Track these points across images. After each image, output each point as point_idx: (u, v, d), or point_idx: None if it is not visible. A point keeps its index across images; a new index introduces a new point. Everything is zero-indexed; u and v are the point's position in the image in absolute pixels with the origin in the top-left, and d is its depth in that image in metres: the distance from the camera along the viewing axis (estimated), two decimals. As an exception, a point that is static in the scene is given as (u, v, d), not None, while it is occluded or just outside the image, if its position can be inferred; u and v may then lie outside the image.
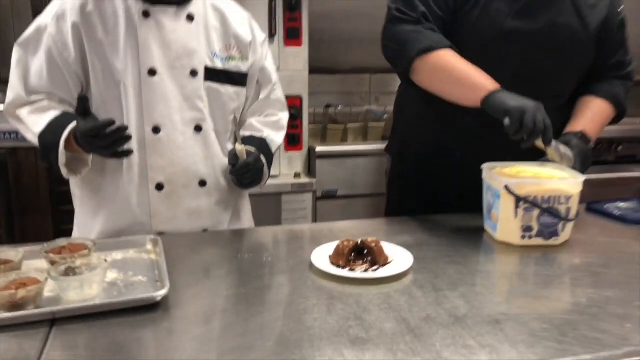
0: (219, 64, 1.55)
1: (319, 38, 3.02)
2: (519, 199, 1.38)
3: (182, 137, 1.51)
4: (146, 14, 1.45)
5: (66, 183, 1.61)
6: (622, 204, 1.71)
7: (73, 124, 1.39)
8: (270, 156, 1.65)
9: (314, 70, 2.86)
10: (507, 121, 1.36)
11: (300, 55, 2.76)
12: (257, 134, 1.66)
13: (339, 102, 3.32)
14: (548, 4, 1.57)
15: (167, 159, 1.50)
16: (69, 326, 1.00)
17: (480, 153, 1.54)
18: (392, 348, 0.93)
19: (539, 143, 1.41)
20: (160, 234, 1.49)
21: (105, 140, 1.33)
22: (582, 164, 1.52)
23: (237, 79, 1.58)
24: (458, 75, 1.50)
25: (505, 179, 1.40)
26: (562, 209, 1.39)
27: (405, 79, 1.62)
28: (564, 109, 1.71)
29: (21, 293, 1.01)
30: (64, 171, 1.43)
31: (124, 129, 1.35)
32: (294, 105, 2.80)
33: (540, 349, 0.93)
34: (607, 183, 3.13)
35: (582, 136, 1.59)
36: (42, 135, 1.42)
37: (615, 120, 1.77)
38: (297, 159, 2.89)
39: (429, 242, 1.43)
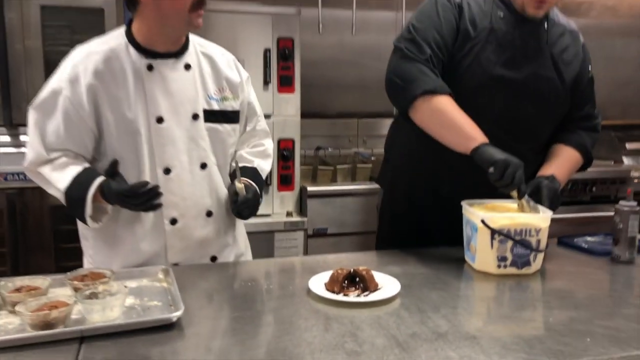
0: (215, 106, 1.70)
1: (310, 85, 3.22)
2: (494, 232, 1.54)
3: (190, 175, 1.66)
4: (150, 68, 1.61)
5: (69, 222, 1.73)
6: (590, 238, 1.87)
7: (99, 180, 1.54)
8: (262, 183, 1.79)
9: (305, 114, 3.04)
10: (491, 170, 1.53)
11: (292, 102, 2.94)
12: (249, 165, 1.79)
13: (329, 145, 3.50)
14: (532, 58, 1.77)
15: (179, 195, 1.64)
16: (96, 343, 1.12)
17: (465, 188, 1.70)
18: (383, 359, 1.07)
19: (514, 194, 1.57)
20: (175, 264, 1.62)
21: (140, 199, 1.51)
22: (550, 203, 1.68)
23: (231, 116, 1.74)
24: (453, 123, 1.64)
25: (482, 214, 1.57)
26: (533, 240, 1.55)
27: (403, 113, 1.76)
28: (540, 153, 1.89)
29: (54, 314, 1.14)
30: (89, 222, 1.57)
31: (156, 188, 1.52)
32: (286, 148, 2.97)
33: (510, 358, 1.07)
34: (583, 221, 3.30)
35: (553, 179, 1.75)
36: (69, 191, 1.54)
37: (582, 168, 1.95)
38: (289, 198, 3.04)
39: (414, 272, 1.57)
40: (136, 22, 1.62)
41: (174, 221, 1.65)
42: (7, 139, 2.54)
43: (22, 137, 2.55)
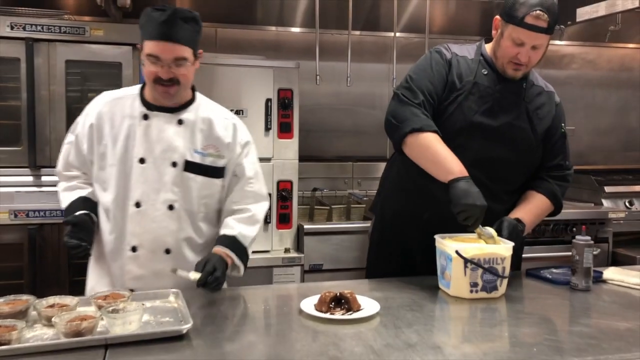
0: (197, 159, 1.88)
1: (308, 130, 3.48)
2: (466, 261, 1.76)
3: (157, 212, 1.86)
4: (145, 117, 1.86)
5: (82, 257, 1.92)
6: (555, 270, 2.08)
7: (76, 213, 1.84)
8: (242, 249, 1.88)
9: (303, 158, 3.28)
10: (454, 209, 1.80)
11: (291, 146, 3.18)
12: (229, 232, 1.89)
13: (325, 186, 3.75)
14: (508, 110, 2.02)
15: (143, 228, 1.85)
16: (119, 349, 1.33)
17: (445, 214, 1.89)
18: (360, 363, 1.27)
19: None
20: (132, 290, 1.69)
21: (70, 246, 1.76)
22: (509, 236, 1.88)
23: (211, 171, 1.91)
24: (436, 157, 1.91)
25: (456, 245, 1.79)
26: (499, 268, 1.76)
27: (397, 148, 2.04)
28: (513, 194, 2.12)
29: (84, 324, 1.36)
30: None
31: (85, 249, 1.78)
32: (285, 189, 3.20)
33: (467, 362, 1.28)
34: (564, 260, 3.49)
35: (518, 220, 1.98)
36: (64, 213, 1.90)
37: (552, 213, 2.16)
38: (287, 235, 3.24)
39: (394, 296, 1.78)
40: None
41: (134, 249, 1.86)
42: (30, 179, 2.78)
43: (44, 178, 2.79)
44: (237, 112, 3.03)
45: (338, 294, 1.63)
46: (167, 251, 1.88)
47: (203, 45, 3.51)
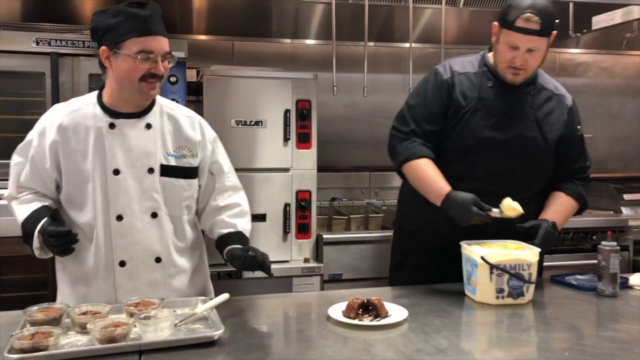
0: (172, 162, 1.84)
1: (326, 141, 3.50)
2: (492, 267, 1.76)
3: (141, 223, 1.80)
4: (112, 126, 1.78)
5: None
6: (579, 276, 2.08)
7: (44, 220, 1.72)
8: (248, 243, 1.91)
9: (321, 168, 3.30)
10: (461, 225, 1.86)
11: (309, 157, 3.20)
12: (234, 229, 1.91)
13: (343, 196, 3.76)
14: (517, 121, 2.02)
15: (129, 240, 1.79)
16: (153, 355, 1.35)
17: (461, 231, 1.92)
18: (392, 367, 1.28)
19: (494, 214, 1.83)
20: (122, 303, 1.66)
21: (59, 240, 1.68)
22: (543, 243, 1.89)
23: (188, 172, 1.87)
24: (425, 181, 2.00)
25: (481, 250, 1.79)
26: (525, 274, 1.76)
27: (401, 176, 2.12)
28: (533, 200, 2.11)
29: (118, 330, 1.38)
30: (36, 252, 1.76)
31: (74, 235, 1.70)
32: (303, 199, 3.21)
33: (499, 367, 1.28)
34: (584, 268, 3.44)
35: (554, 225, 1.99)
36: (24, 223, 1.78)
37: (578, 212, 2.18)
38: (306, 245, 3.25)
39: (420, 303, 1.78)
40: (105, 86, 1.82)
41: (122, 263, 1.79)
42: (54, 190, 2.82)
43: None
44: (256, 123, 3.07)
45: (366, 301, 1.64)
46: (158, 260, 1.84)
47: (221, 59, 3.62)
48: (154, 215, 1.83)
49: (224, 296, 1.66)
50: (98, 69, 1.81)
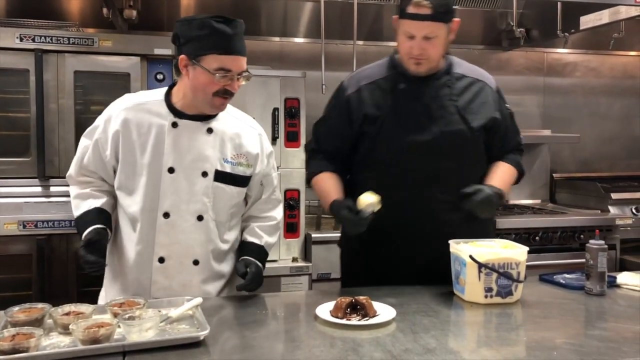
0: (228, 168, 1.87)
1: (314, 140, 3.48)
2: (481, 266, 1.75)
3: (186, 224, 1.83)
4: (175, 125, 1.82)
5: None
6: (568, 275, 2.07)
7: (92, 227, 1.79)
8: (266, 256, 1.99)
9: (309, 167, 3.29)
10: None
11: (298, 155, 3.18)
12: (257, 241, 1.96)
13: (332, 196, 3.74)
14: (437, 118, 1.95)
15: (171, 238, 1.82)
16: (137, 356, 1.33)
17: (405, 223, 1.96)
18: (380, 367, 1.27)
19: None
20: (156, 299, 1.75)
21: (87, 266, 1.72)
22: (479, 206, 1.86)
23: (240, 181, 1.90)
24: (321, 195, 2.06)
25: (470, 249, 1.78)
26: (514, 272, 1.76)
27: None
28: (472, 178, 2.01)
29: (102, 331, 1.35)
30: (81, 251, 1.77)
31: (102, 265, 1.75)
32: (292, 197, 3.19)
33: (488, 366, 1.27)
34: (572, 267, 3.47)
35: (498, 192, 1.91)
36: (76, 222, 1.88)
37: (517, 181, 2.16)
38: (295, 244, 3.24)
39: (409, 302, 1.76)
40: (177, 85, 1.86)
41: (161, 260, 1.83)
42: (39, 189, 2.77)
43: (52, 188, 2.78)
44: (245, 122, 3.04)
45: (353, 300, 1.63)
46: (196, 262, 1.86)
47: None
48: (200, 218, 1.85)
49: (197, 300, 1.63)
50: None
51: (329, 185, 2.03)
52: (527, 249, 1.80)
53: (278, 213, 2.06)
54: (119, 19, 3.16)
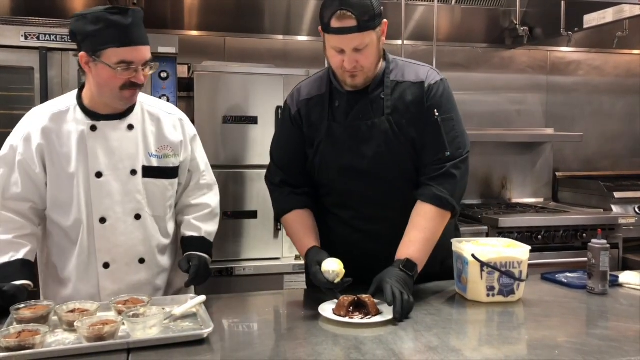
0: (154, 162, 1.83)
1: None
2: (483, 264, 1.76)
3: (124, 225, 1.80)
4: (94, 128, 1.77)
5: None
6: (569, 274, 2.08)
7: (18, 282, 1.65)
8: (209, 247, 1.93)
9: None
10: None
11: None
12: (196, 234, 1.92)
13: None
14: (371, 138, 1.81)
15: (112, 243, 1.79)
16: (142, 353, 1.34)
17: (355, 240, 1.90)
18: (383, 365, 1.28)
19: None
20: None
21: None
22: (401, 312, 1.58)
23: (169, 173, 1.87)
24: (293, 240, 1.93)
25: (473, 248, 1.79)
26: (516, 271, 1.76)
27: None
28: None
29: (106, 328, 1.36)
30: None
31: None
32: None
33: (490, 365, 1.28)
34: (574, 266, 3.48)
35: (405, 265, 1.71)
36: None
37: (453, 216, 1.87)
38: (298, 243, 3.25)
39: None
40: (85, 87, 1.80)
41: (106, 265, 1.79)
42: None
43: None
44: (248, 120, 3.05)
45: (356, 298, 1.63)
46: (141, 261, 1.84)
47: (212, 55, 3.59)
48: (138, 217, 1.83)
49: (201, 298, 1.64)
50: (77, 63, 1.77)
51: (300, 229, 1.90)
52: (529, 248, 1.80)
53: (211, 199, 2.00)
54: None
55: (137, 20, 1.69)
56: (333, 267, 1.68)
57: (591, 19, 3.53)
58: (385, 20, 1.76)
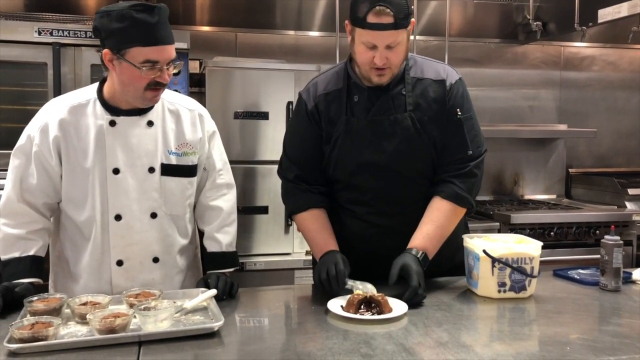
0: (173, 160, 1.80)
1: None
2: (494, 260, 1.75)
3: (139, 223, 1.78)
4: (112, 123, 1.74)
5: None
6: (582, 271, 2.06)
7: (26, 280, 1.66)
8: (233, 257, 1.94)
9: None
10: (316, 278, 1.76)
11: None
12: (218, 250, 1.91)
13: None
14: (393, 135, 1.81)
15: (126, 240, 1.77)
16: (153, 346, 1.35)
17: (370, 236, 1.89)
18: (392, 360, 1.28)
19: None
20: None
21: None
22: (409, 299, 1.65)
23: (188, 171, 1.84)
24: (308, 239, 1.91)
25: (484, 244, 1.78)
26: (528, 267, 1.75)
27: None
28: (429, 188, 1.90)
29: (118, 321, 1.37)
30: None
31: None
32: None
33: (500, 360, 1.28)
34: (587, 263, 3.46)
35: (421, 257, 1.75)
36: (5, 266, 1.71)
37: (467, 213, 1.93)
38: (309, 238, 3.25)
39: (422, 296, 1.77)
40: (107, 81, 1.77)
41: (120, 263, 1.78)
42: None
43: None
44: (259, 115, 3.06)
45: (368, 297, 1.61)
46: (155, 260, 1.82)
47: (223, 50, 3.60)
48: (154, 215, 1.81)
49: (212, 291, 1.65)
50: (100, 59, 1.75)
51: (317, 229, 1.88)
52: (541, 244, 1.79)
53: (225, 202, 1.95)
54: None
55: (163, 19, 1.66)
56: (371, 289, 1.65)
57: (605, 14, 3.49)
58: (413, 19, 1.74)
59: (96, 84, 1.82)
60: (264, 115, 3.07)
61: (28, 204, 1.76)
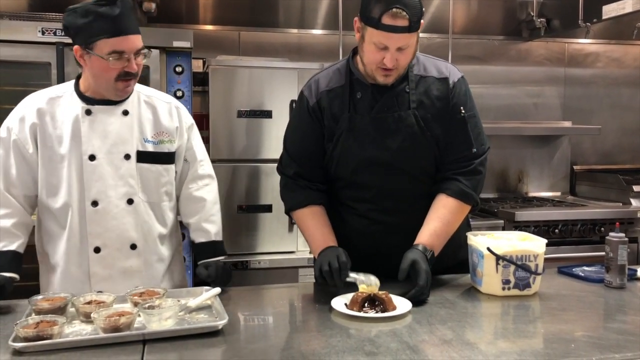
0: (150, 148, 1.85)
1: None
2: (498, 258, 1.75)
3: (116, 209, 1.80)
4: (88, 112, 1.79)
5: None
6: (587, 268, 2.05)
7: (6, 274, 1.67)
8: (221, 245, 1.97)
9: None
10: (317, 272, 1.77)
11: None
12: (207, 240, 1.94)
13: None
14: (396, 131, 1.81)
15: (103, 227, 1.79)
16: (157, 345, 1.35)
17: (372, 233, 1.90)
18: (397, 358, 1.27)
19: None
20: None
21: None
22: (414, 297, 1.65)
23: (164, 158, 1.88)
24: (306, 236, 1.91)
25: (488, 241, 1.78)
26: (532, 265, 1.75)
27: None
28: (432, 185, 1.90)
29: (122, 319, 1.38)
30: None
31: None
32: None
33: (504, 358, 1.27)
34: (592, 260, 3.45)
35: (427, 253, 1.74)
36: None
37: (471, 210, 1.92)
38: (313, 236, 3.25)
39: (426, 294, 1.77)
40: (82, 76, 1.84)
41: (97, 250, 1.80)
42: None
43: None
44: (262, 114, 3.06)
45: (372, 295, 1.62)
46: (133, 247, 1.84)
47: (227, 49, 3.60)
48: (130, 201, 1.83)
49: (216, 290, 1.65)
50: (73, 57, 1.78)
51: (316, 226, 1.88)
52: (545, 241, 1.79)
53: (207, 193, 1.99)
54: (138, 12, 3.18)
55: (125, 10, 1.72)
56: (375, 281, 1.66)
57: (610, 10, 3.47)
58: (422, 20, 1.73)
59: (72, 81, 1.88)
60: (268, 114, 3.07)
61: (12, 195, 1.79)
